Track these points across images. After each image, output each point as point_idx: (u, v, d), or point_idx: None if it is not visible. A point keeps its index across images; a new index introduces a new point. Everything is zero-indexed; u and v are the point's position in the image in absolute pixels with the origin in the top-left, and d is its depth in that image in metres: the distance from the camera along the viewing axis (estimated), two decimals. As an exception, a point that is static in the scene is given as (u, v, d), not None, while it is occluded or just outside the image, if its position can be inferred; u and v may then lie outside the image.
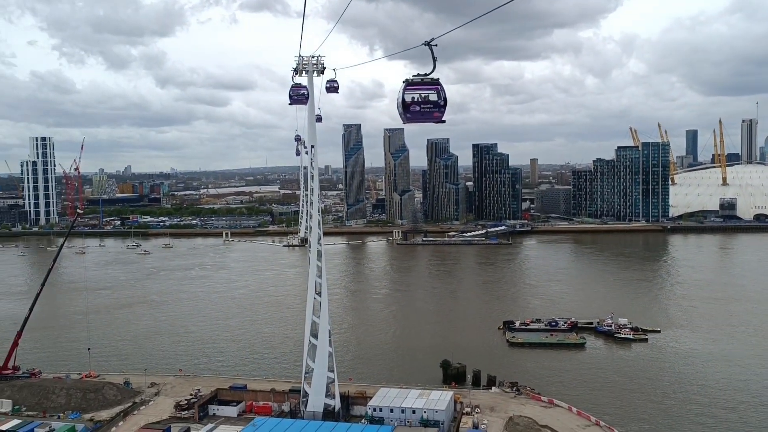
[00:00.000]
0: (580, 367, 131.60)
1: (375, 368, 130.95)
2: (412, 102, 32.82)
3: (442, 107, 33.25)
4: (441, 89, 33.17)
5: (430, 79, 33.06)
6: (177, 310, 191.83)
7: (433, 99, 32.98)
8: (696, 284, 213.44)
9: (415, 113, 33.20)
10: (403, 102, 32.86)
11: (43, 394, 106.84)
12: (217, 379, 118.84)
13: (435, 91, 32.96)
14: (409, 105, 32.77)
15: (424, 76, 33.10)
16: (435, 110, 33.19)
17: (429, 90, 32.97)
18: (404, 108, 32.95)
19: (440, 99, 33.05)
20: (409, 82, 32.98)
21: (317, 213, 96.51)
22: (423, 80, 33.04)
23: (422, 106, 32.97)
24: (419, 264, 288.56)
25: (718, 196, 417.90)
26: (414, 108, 32.87)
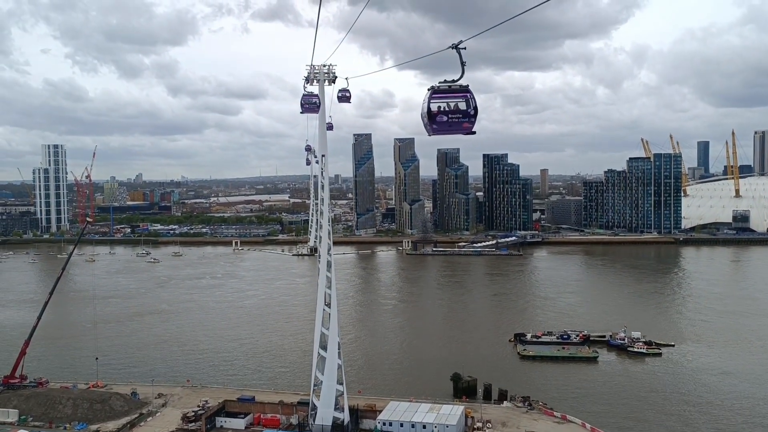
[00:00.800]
0: (593, 382, 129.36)
1: (384, 380, 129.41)
2: (439, 111, 29.72)
3: (473, 117, 30.06)
4: (471, 97, 29.93)
5: (458, 86, 29.91)
6: (186, 320, 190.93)
7: (462, 108, 29.77)
8: (710, 297, 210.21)
9: (442, 124, 29.98)
10: (429, 112, 29.78)
11: (49, 404, 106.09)
12: (225, 390, 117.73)
13: (464, 99, 29.82)
14: (435, 115, 29.70)
15: (452, 83, 29.81)
16: (464, 120, 29.92)
17: (457, 98, 29.79)
18: (430, 118, 29.77)
19: (470, 108, 29.83)
20: (435, 89, 29.94)
21: (327, 223, 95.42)
22: (450, 87, 29.86)
23: (450, 116, 29.80)
24: (429, 274, 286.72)
25: (731, 208, 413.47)
26: (441, 118, 29.71)
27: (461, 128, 30.36)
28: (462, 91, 29.89)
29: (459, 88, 29.90)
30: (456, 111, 30.03)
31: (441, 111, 29.77)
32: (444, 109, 29.88)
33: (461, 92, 29.89)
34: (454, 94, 30.02)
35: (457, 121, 30.03)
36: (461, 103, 30.02)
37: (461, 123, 30.17)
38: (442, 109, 29.82)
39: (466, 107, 30.05)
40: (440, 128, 30.22)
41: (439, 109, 29.78)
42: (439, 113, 29.76)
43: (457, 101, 29.94)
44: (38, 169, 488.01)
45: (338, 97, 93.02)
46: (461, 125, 30.25)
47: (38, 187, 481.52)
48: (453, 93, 29.88)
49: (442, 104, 29.90)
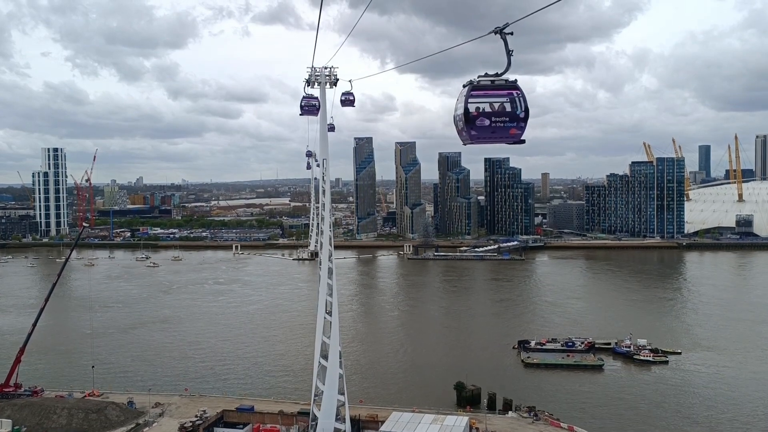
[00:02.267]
0: (600, 391, 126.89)
1: (386, 389, 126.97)
2: (479, 114, 23.78)
3: (522, 121, 24.09)
4: (520, 95, 24.09)
5: (503, 81, 24.02)
6: (187, 326, 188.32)
7: (508, 109, 23.99)
8: (718, 303, 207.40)
9: (483, 129, 23.74)
10: (466, 114, 23.72)
11: (44, 413, 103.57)
12: (224, 399, 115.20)
13: (511, 97, 24.06)
14: (474, 118, 23.76)
15: (495, 77, 24.04)
16: (511, 125, 23.95)
17: (502, 96, 23.99)
18: (467, 122, 23.75)
19: (519, 109, 24.00)
20: (475, 85, 23.95)
21: (329, 229, 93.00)
22: (494, 82, 24.00)
23: (494, 120, 23.86)
24: (431, 279, 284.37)
25: (734, 213, 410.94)
26: (482, 122, 23.79)
27: (507, 135, 24.20)
28: (508, 88, 24.17)
29: (504, 84, 24.13)
30: (501, 113, 24.01)
31: (482, 113, 23.94)
32: (486, 111, 23.99)
33: (507, 89, 24.18)
34: (498, 92, 24.09)
35: (502, 126, 23.97)
36: (507, 103, 24.14)
37: (507, 128, 24.05)
38: (483, 110, 24.01)
39: (516, 108, 24.12)
40: (481, 135, 24.04)
41: (479, 111, 23.93)
42: (479, 116, 23.90)
43: (501, 100, 24.09)
44: (38, 172, 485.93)
45: (341, 100, 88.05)
46: (507, 131, 24.12)
47: (38, 191, 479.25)
48: (497, 90, 24.15)
49: (484, 104, 24.02)
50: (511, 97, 24.01)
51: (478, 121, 23.78)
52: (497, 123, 23.92)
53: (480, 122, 23.78)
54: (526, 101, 24.14)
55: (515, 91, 24.08)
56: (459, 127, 24.54)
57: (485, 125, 23.86)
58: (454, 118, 25.09)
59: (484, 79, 24.08)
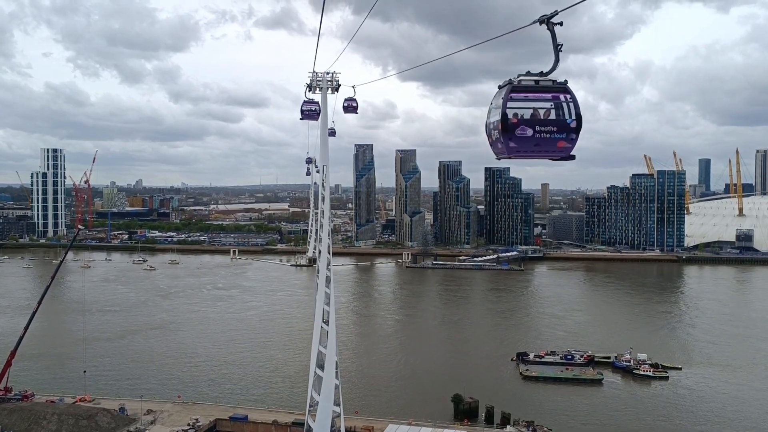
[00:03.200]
0: (599, 406, 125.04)
1: (383, 400, 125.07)
2: (520, 121, 19.47)
3: (574, 132, 19.82)
4: (571, 100, 19.83)
5: (551, 82, 19.83)
6: (184, 331, 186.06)
7: (557, 117, 19.77)
8: (718, 318, 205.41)
9: (524, 141, 19.43)
10: (504, 121, 19.39)
11: (33, 419, 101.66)
12: (217, 407, 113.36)
13: (559, 102, 19.82)
14: (514, 127, 19.42)
15: (541, 76, 19.90)
16: (560, 137, 19.70)
17: (549, 100, 19.81)
18: (505, 132, 19.45)
19: (569, 116, 19.74)
20: (516, 86, 19.66)
21: (327, 237, 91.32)
22: (539, 83, 19.79)
23: (539, 130, 19.55)
24: (429, 289, 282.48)
25: (734, 227, 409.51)
26: (523, 132, 19.44)
27: (554, 149, 19.80)
28: (556, 90, 19.88)
29: (552, 86, 19.86)
30: (547, 121, 19.62)
31: (524, 120, 19.53)
32: (528, 118, 19.59)
33: (555, 91, 19.86)
34: (544, 95, 19.71)
35: (548, 137, 19.55)
36: (554, 110, 19.79)
37: (555, 141, 19.64)
38: (523, 116, 19.55)
39: (566, 115, 19.72)
40: (521, 148, 19.52)
41: (520, 118, 19.50)
42: (520, 123, 19.46)
43: (547, 106, 19.77)
44: (36, 173, 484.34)
45: (344, 107, 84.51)
46: (554, 144, 19.68)
47: (36, 191, 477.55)
48: (542, 93, 19.77)
49: (526, 110, 19.57)
50: (559, 102, 19.89)
51: (519, 131, 19.44)
52: (542, 134, 19.60)
53: (521, 132, 19.41)
54: (579, 107, 19.84)
55: (565, 94, 19.88)
56: (493, 138, 20.21)
57: (527, 136, 19.43)
58: (487, 127, 20.70)
59: (527, 79, 19.81)
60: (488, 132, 20.71)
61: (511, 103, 19.48)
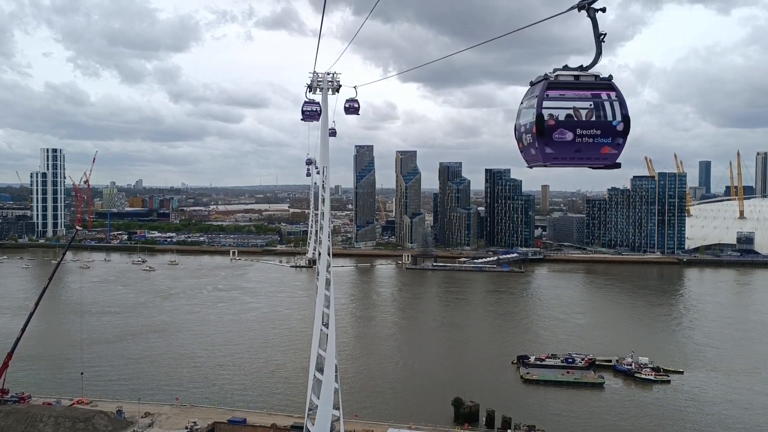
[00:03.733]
0: (600, 410, 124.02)
1: (382, 403, 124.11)
2: (557, 123, 16.68)
3: (620, 136, 16.96)
4: (617, 97, 17.09)
5: (593, 77, 17.12)
6: (183, 333, 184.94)
7: (602, 118, 17.02)
8: (720, 321, 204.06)
9: (563, 147, 16.66)
10: (540, 124, 16.63)
11: (29, 421, 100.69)
12: (216, 410, 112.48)
13: (603, 100, 17.10)
14: (551, 130, 16.60)
15: (581, 71, 17.10)
16: (605, 142, 16.83)
17: (591, 98, 17.06)
18: (541, 135, 16.64)
19: (616, 118, 16.98)
20: (553, 82, 16.92)
21: (327, 239, 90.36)
22: (579, 79, 17.03)
23: (580, 134, 16.67)
24: (429, 290, 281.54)
25: (735, 230, 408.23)
26: (561, 136, 16.59)
27: (597, 156, 16.94)
28: (600, 87, 17.11)
29: (594, 82, 17.10)
30: (590, 123, 16.81)
31: (562, 122, 16.74)
32: (567, 120, 16.82)
33: (598, 88, 17.12)
34: (585, 92, 16.97)
35: (591, 142, 16.73)
36: (597, 109, 16.99)
37: (598, 146, 16.81)
38: (563, 118, 16.83)
39: (608, 116, 16.95)
40: (559, 154, 16.75)
41: (555, 119, 16.74)
42: (558, 126, 16.68)
43: (589, 105, 16.98)
44: (36, 173, 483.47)
45: (345, 107, 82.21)
46: (598, 150, 16.87)
47: (35, 191, 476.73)
48: (583, 90, 17.02)
49: (565, 110, 16.86)
50: (602, 101, 17.10)
51: (557, 135, 16.59)
52: (584, 138, 16.73)
53: (559, 136, 16.55)
54: (626, 107, 17.06)
55: (609, 91, 17.10)
56: (525, 143, 17.35)
57: (566, 140, 16.57)
58: (517, 130, 17.94)
59: (566, 74, 17.02)
60: (518, 136, 17.95)
61: (547, 103, 16.76)
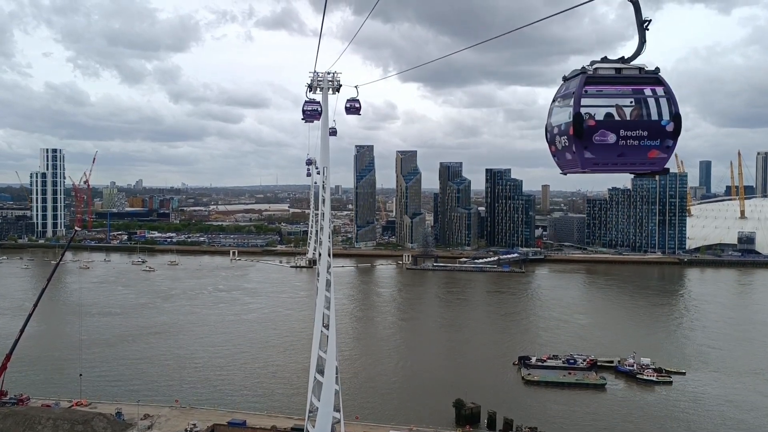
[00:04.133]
0: (602, 412, 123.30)
1: (383, 405, 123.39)
2: (598, 124, 14.58)
3: (670, 137, 15.06)
4: (665, 93, 15.10)
5: (637, 70, 15.06)
6: (184, 334, 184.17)
7: (648, 117, 15.01)
8: (722, 322, 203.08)
9: (604, 150, 14.56)
10: (578, 124, 14.46)
11: (28, 424, 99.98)
12: (215, 412, 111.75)
13: (647, 97, 15.06)
14: (591, 131, 14.47)
15: (623, 63, 15.04)
16: (653, 144, 14.80)
17: (634, 94, 15.05)
18: (579, 136, 14.49)
19: (665, 117, 15.00)
20: (591, 75, 14.81)
21: (328, 240, 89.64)
22: (620, 72, 14.93)
23: (624, 135, 14.58)
24: (430, 291, 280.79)
25: (736, 230, 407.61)
26: (603, 138, 14.47)
27: (644, 160, 14.92)
28: (645, 82, 15.07)
29: (639, 76, 15.07)
30: (636, 123, 14.78)
31: (602, 122, 14.63)
32: (610, 119, 14.74)
33: (643, 83, 15.07)
34: (628, 87, 14.99)
35: (637, 144, 14.72)
36: (642, 107, 15.02)
37: (645, 149, 14.78)
38: (600, 117, 14.69)
39: (655, 115, 14.99)
40: (600, 159, 14.66)
41: (595, 119, 14.62)
42: (599, 127, 14.56)
43: (633, 102, 14.97)
44: (36, 173, 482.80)
45: (346, 107, 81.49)
46: (645, 153, 14.83)
47: (35, 192, 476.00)
48: (625, 85, 15.02)
49: (606, 107, 14.78)
50: (647, 97, 14.99)
51: (597, 137, 14.47)
52: (629, 140, 14.63)
53: (600, 138, 14.43)
54: (676, 104, 15.14)
55: (656, 86, 14.99)
56: (559, 146, 15.33)
57: (608, 143, 14.47)
58: (549, 131, 15.86)
59: (605, 66, 14.98)
60: (550, 138, 15.85)
61: (586, 100, 14.63)
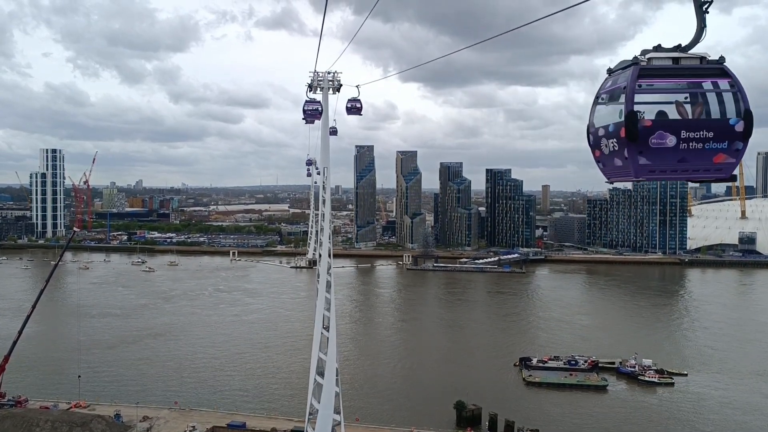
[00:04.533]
0: (604, 414, 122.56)
1: (383, 407, 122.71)
2: (656, 124, 12.58)
3: (740, 139, 13.18)
4: (733, 86, 13.12)
5: (699, 60, 13.06)
6: (183, 335, 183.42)
7: (713, 115, 12.98)
8: (724, 323, 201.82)
9: (663, 155, 12.58)
10: (633, 123, 12.44)
11: (26, 426, 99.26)
12: (215, 414, 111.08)
13: (705, 91, 13.04)
14: (647, 132, 12.46)
15: (680, 51, 13.04)
16: (720, 147, 12.91)
17: (691, 88, 12.96)
18: (634, 139, 12.47)
19: (732, 113, 13.15)
20: (645, 68, 12.93)
21: (328, 241, 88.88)
22: (678, 62, 12.94)
23: (687, 137, 12.59)
24: (430, 291, 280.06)
25: (737, 230, 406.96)
26: (662, 141, 12.47)
27: (709, 165, 12.96)
28: (708, 73, 13.03)
29: (701, 66, 13.06)
30: (699, 123, 12.70)
31: (661, 122, 12.56)
32: (669, 119, 12.64)
33: (705, 74, 13.03)
34: (687, 80, 12.93)
35: (701, 148, 12.72)
36: (704, 103, 12.93)
37: (710, 152, 12.83)
38: (662, 117, 12.67)
39: (720, 113, 13.01)
40: (658, 165, 12.64)
41: (650, 119, 12.58)
42: (657, 128, 12.49)
43: (691, 97, 12.88)
44: (35, 173, 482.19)
45: (347, 108, 79.81)
46: (710, 158, 12.87)
47: (35, 192, 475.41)
48: (685, 76, 12.91)
49: (664, 104, 12.76)
50: (704, 91, 12.98)
51: (655, 140, 12.40)
52: (692, 143, 12.56)
53: (658, 141, 12.37)
54: (746, 99, 13.23)
55: (721, 79, 13.00)
56: (606, 150, 13.22)
57: (667, 146, 12.44)
58: (593, 133, 13.78)
59: (660, 56, 12.99)
60: (594, 142, 13.68)
61: (640, 96, 12.52)
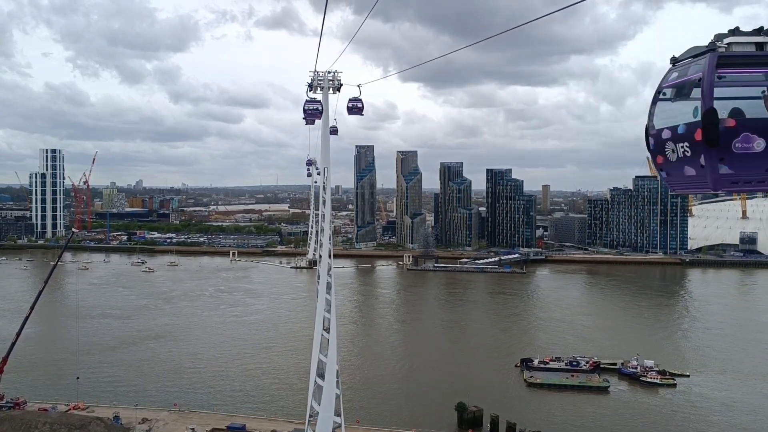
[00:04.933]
0: (606, 415, 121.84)
1: (384, 409, 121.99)
2: (739, 124, 10.65)
3: None
4: None
5: None
6: (183, 336, 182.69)
7: None
8: (726, 323, 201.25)
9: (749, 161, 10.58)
10: (710, 124, 10.56)
11: (24, 428, 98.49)
12: (215, 416, 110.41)
13: None
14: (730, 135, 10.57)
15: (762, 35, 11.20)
16: None
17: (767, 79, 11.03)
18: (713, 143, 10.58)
19: None
20: (724, 55, 11.23)
21: (328, 241, 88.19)
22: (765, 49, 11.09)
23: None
24: (431, 292, 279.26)
25: (737, 230, 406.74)
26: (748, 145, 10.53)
27: None
28: None
29: None
30: None
31: (747, 122, 10.69)
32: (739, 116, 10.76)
33: None
34: (764, 70, 11.10)
35: None
36: None
37: None
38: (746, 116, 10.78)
39: None
40: (742, 174, 10.81)
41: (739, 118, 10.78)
42: (742, 129, 10.66)
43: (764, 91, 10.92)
44: (35, 173, 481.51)
45: (348, 107, 79.75)
46: None
47: (35, 192, 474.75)
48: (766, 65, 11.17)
49: (744, 100, 10.90)
50: None
51: (740, 144, 10.61)
52: None
53: (743, 146, 10.62)
54: None
55: None
56: (675, 156, 11.60)
57: (755, 152, 10.61)
58: (654, 136, 12.46)
59: (740, 40, 11.31)
60: (657, 146, 12.15)
61: (719, 90, 10.78)
